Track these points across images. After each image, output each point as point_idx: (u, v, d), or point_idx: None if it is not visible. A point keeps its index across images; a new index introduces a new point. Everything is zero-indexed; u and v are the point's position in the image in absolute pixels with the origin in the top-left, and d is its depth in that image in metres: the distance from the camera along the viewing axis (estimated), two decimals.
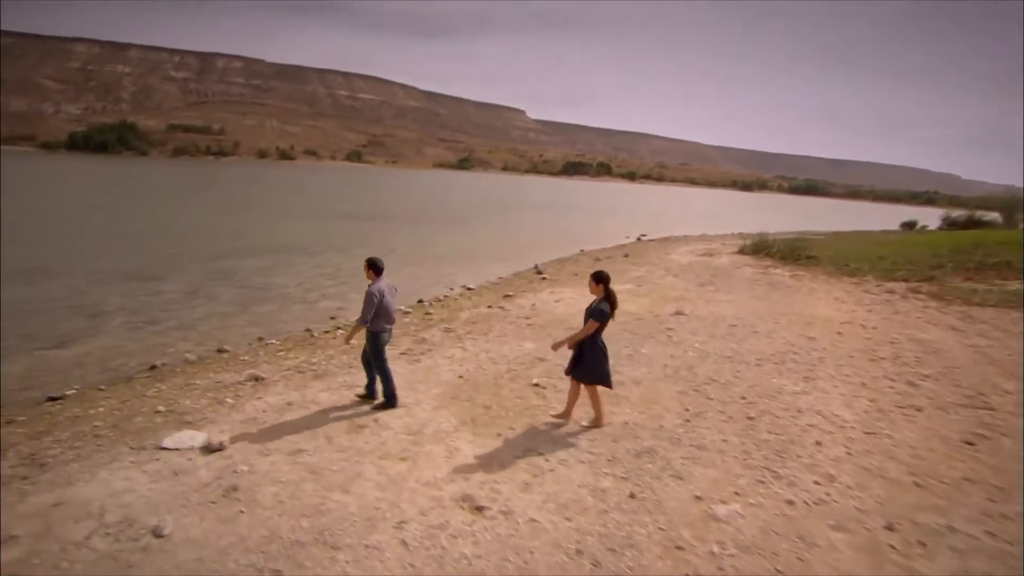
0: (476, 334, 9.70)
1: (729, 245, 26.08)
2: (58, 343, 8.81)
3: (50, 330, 9.41)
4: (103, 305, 11.05)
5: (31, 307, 10.81)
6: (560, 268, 17.75)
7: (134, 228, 22.11)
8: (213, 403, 6.45)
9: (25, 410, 6.37)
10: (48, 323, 9.81)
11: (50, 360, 8.09)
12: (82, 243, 18.20)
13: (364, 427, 5.92)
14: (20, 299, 11.27)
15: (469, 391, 7.03)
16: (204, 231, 22.37)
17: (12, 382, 7.29)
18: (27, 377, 7.50)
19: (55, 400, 6.61)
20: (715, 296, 13.53)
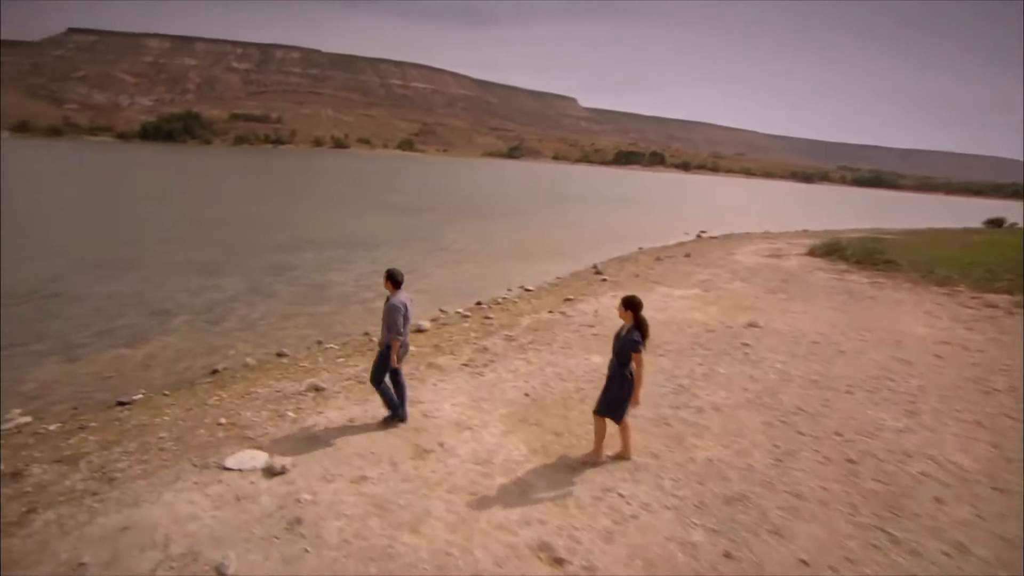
0: (539, 344, 9.28)
1: (796, 245, 24.64)
2: (129, 341, 8.97)
3: (123, 327, 9.62)
4: (169, 302, 11.27)
5: (109, 302, 11.14)
6: (620, 268, 17.10)
7: (199, 216, 22.83)
8: (274, 416, 6.30)
9: (97, 415, 6.41)
10: (121, 320, 10.05)
11: (122, 360, 8.22)
12: (153, 234, 18.87)
13: (430, 452, 5.62)
14: (101, 293, 11.65)
15: (537, 413, 6.62)
16: (263, 221, 22.87)
17: (90, 382, 7.42)
18: (102, 377, 7.63)
19: (124, 405, 6.64)
20: (790, 306, 12.61)
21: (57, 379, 7.43)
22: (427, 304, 12.19)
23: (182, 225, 20.52)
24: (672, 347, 9.35)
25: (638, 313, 5.07)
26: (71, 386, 7.26)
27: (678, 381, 7.81)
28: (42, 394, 6.97)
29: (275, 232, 20.23)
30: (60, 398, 6.90)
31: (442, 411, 6.55)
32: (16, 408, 6.47)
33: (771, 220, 39.21)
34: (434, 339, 9.55)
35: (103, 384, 7.35)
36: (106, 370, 7.80)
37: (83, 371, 7.74)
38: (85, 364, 7.98)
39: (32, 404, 6.67)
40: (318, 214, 26.41)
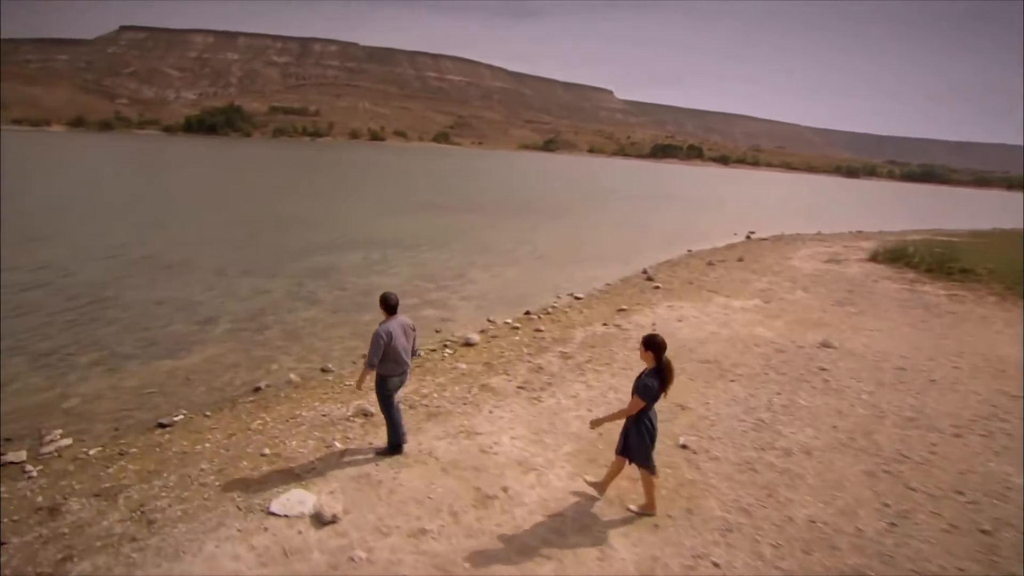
0: (597, 363, 8.63)
1: (853, 248, 23.25)
2: (171, 351, 8.71)
3: (167, 336, 9.39)
4: (212, 307, 11.05)
5: (155, 307, 11.00)
6: (671, 274, 16.24)
7: (243, 215, 22.89)
8: (320, 447, 5.85)
9: (138, 437, 6.09)
10: (165, 327, 9.84)
11: (164, 373, 7.94)
12: (199, 234, 18.91)
13: (493, 499, 5.06)
14: (147, 298, 11.53)
15: (607, 453, 5.97)
16: (304, 219, 22.76)
17: (132, 399, 7.14)
18: (144, 392, 7.34)
19: (165, 427, 6.30)
20: (862, 322, 11.61)
21: (100, 394, 7.17)
22: (474, 313, 11.67)
23: (228, 224, 20.54)
24: (742, 371, 8.57)
25: (661, 355, 4.45)
26: (113, 402, 6.98)
27: (757, 414, 7.06)
28: (85, 411, 6.69)
29: (317, 231, 20.05)
30: (102, 416, 6.61)
31: (502, 446, 5.99)
32: (58, 428, 6.20)
33: (820, 220, 37.37)
34: (484, 355, 9.00)
35: (144, 401, 7.04)
36: (148, 385, 7.51)
37: (126, 384, 7.47)
38: (128, 377, 7.72)
39: (74, 424, 6.39)
40: (358, 212, 26.24)
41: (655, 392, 4.41)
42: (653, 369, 4.46)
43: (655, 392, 4.41)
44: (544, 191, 48.51)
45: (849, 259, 19.97)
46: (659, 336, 4.52)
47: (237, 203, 26.18)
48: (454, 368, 8.32)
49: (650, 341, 4.49)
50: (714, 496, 5.27)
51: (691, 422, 6.81)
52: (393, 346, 5.26)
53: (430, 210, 28.75)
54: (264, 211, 23.96)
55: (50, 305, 10.46)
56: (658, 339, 4.46)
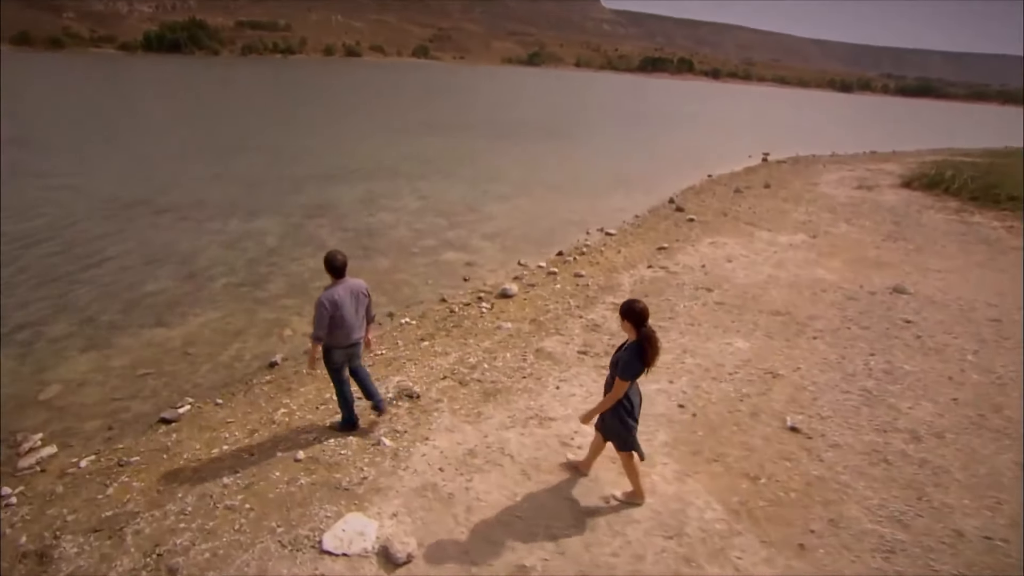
0: (658, 317, 7.55)
1: (876, 172, 22.01)
2: (162, 317, 7.42)
3: (154, 297, 8.06)
4: (203, 258, 9.63)
5: (135, 260, 9.56)
6: (701, 204, 14.95)
7: (224, 145, 20.71)
8: (366, 445, 4.79)
9: (138, 439, 4.97)
10: (150, 285, 8.48)
11: (157, 346, 6.70)
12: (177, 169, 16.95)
13: (596, 515, 4.09)
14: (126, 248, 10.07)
15: (709, 440, 5.03)
16: (290, 148, 20.70)
17: (124, 383, 5.95)
18: (137, 374, 6.14)
19: (168, 423, 5.16)
20: (925, 261, 10.61)
21: (84, 379, 5.95)
22: (500, 255, 10.42)
23: (205, 156, 18.46)
24: (821, 325, 7.58)
25: (642, 326, 3.71)
26: (101, 389, 5.78)
27: (859, 382, 6.12)
28: (68, 405, 5.50)
29: (306, 161, 18.14)
30: (90, 410, 5.44)
31: (585, 436, 4.97)
32: (38, 431, 5.03)
33: (829, 139, 35.74)
34: (527, 309, 7.87)
35: (139, 386, 5.86)
36: (141, 363, 6.30)
37: (114, 364, 6.25)
38: (115, 354, 6.47)
39: (56, 422, 5.23)
40: (346, 137, 24.02)
41: (639, 370, 3.74)
42: (635, 342, 3.73)
43: (639, 370, 3.74)
44: (538, 110, 45.64)
45: (880, 185, 18.77)
46: (639, 303, 3.74)
47: (213, 132, 23.75)
48: (497, 328, 7.20)
49: (628, 310, 3.73)
50: (854, 500, 4.36)
51: (789, 395, 5.85)
52: (340, 315, 4.45)
53: (422, 132, 26.54)
54: (244, 140, 21.71)
55: (9, 261, 8.96)
56: (637, 306, 3.71)
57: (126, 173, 14.96)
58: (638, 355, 3.71)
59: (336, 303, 4.42)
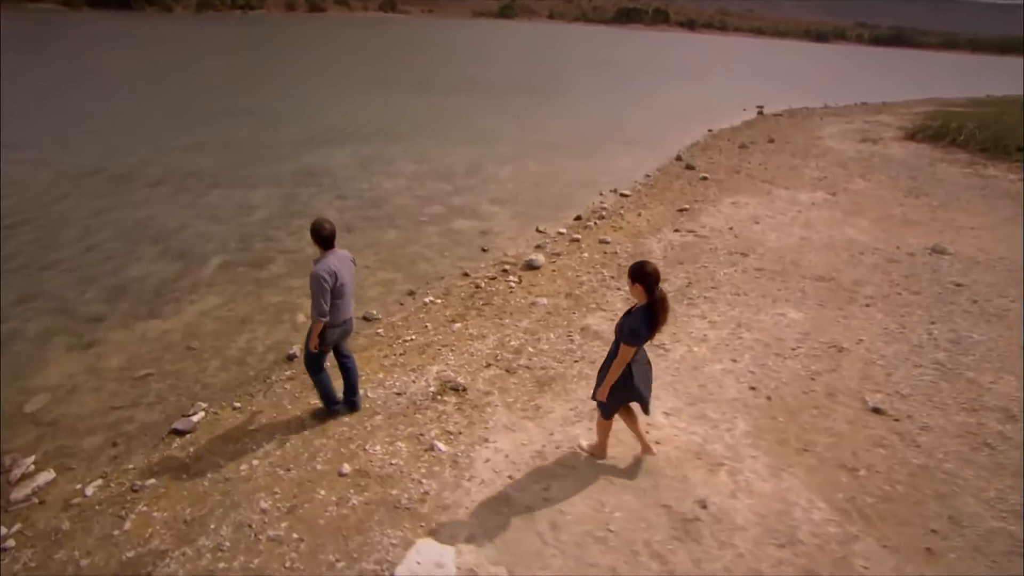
0: (700, 287, 7.05)
1: (875, 124, 21.62)
2: (154, 304, 6.60)
3: (142, 281, 7.18)
4: (192, 234, 8.72)
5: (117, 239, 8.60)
6: (709, 160, 14.33)
7: (198, 109, 19.14)
8: (418, 452, 4.21)
9: (151, 456, 4.28)
10: (137, 267, 7.60)
11: (154, 340, 5.92)
12: (149, 135, 15.55)
13: (695, 522, 3.64)
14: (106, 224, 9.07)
15: (792, 427, 4.59)
16: (269, 110, 19.24)
17: (122, 387, 5.17)
18: (135, 376, 5.38)
19: (182, 435, 4.47)
20: (953, 218, 10.27)
21: (76, 384, 5.18)
22: (515, 221, 9.71)
23: (178, 122, 16.96)
24: (870, 291, 7.16)
25: (654, 288, 3.42)
26: (96, 396, 5.03)
27: (929, 354, 5.72)
28: (61, 418, 4.75)
29: (286, 124, 16.84)
30: (87, 423, 4.71)
31: (660, 429, 4.48)
32: (29, 453, 4.29)
33: (817, 91, 35.15)
34: (559, 281, 7.25)
35: (141, 390, 5.12)
36: (138, 362, 5.54)
37: (107, 365, 5.47)
38: (108, 352, 5.68)
39: (50, 440, 4.49)
40: (325, 97, 22.49)
41: (644, 336, 3.48)
42: (644, 306, 3.47)
43: (644, 336, 3.48)
44: (519, 65, 43.83)
45: (883, 138, 18.34)
46: (650, 264, 3.44)
47: (182, 96, 21.93)
48: (532, 304, 6.59)
49: (640, 272, 3.42)
50: (968, 493, 3.97)
51: (860, 371, 5.42)
52: (339, 287, 4.05)
53: (404, 91, 25.07)
54: (216, 103, 20.10)
55: None
56: (649, 268, 3.42)
57: (91, 143, 13.61)
58: (646, 320, 3.44)
59: (333, 273, 3.98)
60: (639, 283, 3.43)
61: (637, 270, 3.43)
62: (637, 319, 3.46)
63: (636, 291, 3.48)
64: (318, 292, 3.94)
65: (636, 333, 3.45)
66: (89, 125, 15.37)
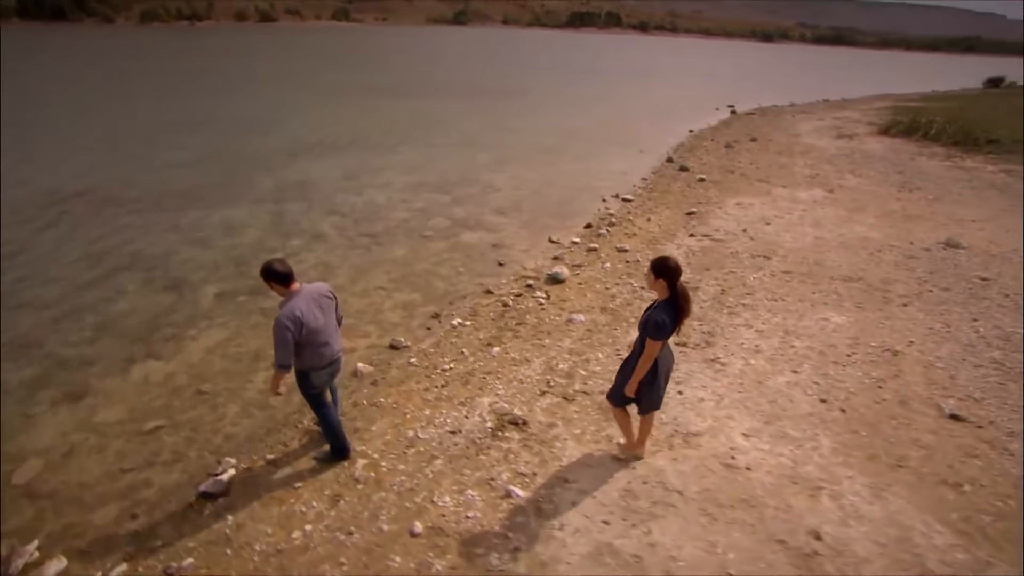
0: (736, 294, 6.79)
1: (845, 120, 22.17)
2: (151, 344, 5.88)
3: (133, 316, 6.49)
4: (178, 260, 8.00)
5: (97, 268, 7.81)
6: (700, 161, 14.26)
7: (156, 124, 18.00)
8: (493, 498, 3.76)
9: (179, 527, 3.67)
10: (124, 300, 6.90)
11: (158, 387, 5.23)
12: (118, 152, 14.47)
13: (815, 557, 3.35)
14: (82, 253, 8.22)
15: (877, 440, 4.36)
16: (240, 121, 18.25)
17: (124, 446, 4.51)
18: (143, 431, 4.73)
19: (213, 498, 3.87)
20: (953, 211, 10.39)
21: (71, 445, 4.47)
22: (524, 232, 9.30)
23: (142, 138, 15.91)
24: (901, 289, 7.06)
25: (676, 282, 3.45)
26: (100, 458, 4.35)
27: (984, 353, 5.60)
28: (59, 487, 4.06)
29: (258, 135, 16.00)
30: (93, 491, 4.04)
31: (744, 452, 4.16)
32: (31, 537, 3.62)
33: (779, 89, 36.10)
34: (589, 295, 6.88)
35: (153, 447, 4.48)
36: (142, 412, 4.88)
37: (105, 419, 4.77)
38: (103, 402, 4.99)
39: (51, 517, 3.81)
40: (293, 107, 21.59)
41: (669, 330, 3.47)
42: (666, 301, 3.48)
43: (669, 330, 3.47)
44: (484, 69, 43.49)
45: (858, 134, 18.75)
46: (671, 259, 3.47)
47: (141, 110, 20.70)
48: (568, 322, 6.20)
49: (664, 267, 3.44)
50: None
51: (923, 375, 5.24)
52: (310, 332, 3.64)
53: (375, 98, 24.35)
54: (179, 117, 19.02)
55: None
56: (671, 262, 3.44)
57: (52, 163, 12.54)
58: (671, 315, 3.45)
59: (298, 320, 3.58)
60: (662, 278, 3.43)
61: (660, 265, 3.43)
62: (663, 313, 3.44)
63: (659, 286, 3.48)
64: (279, 340, 3.54)
65: (662, 327, 3.42)
66: (39, 147, 14.22)
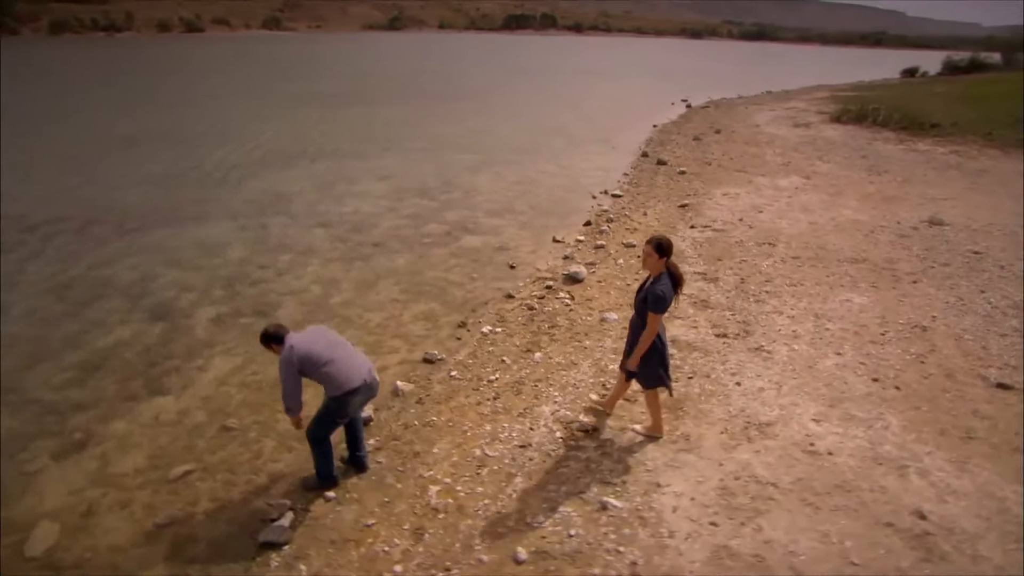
0: (754, 283, 6.84)
1: (795, 110, 23.11)
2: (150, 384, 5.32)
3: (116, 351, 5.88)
4: (157, 284, 7.34)
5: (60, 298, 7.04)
6: (674, 154, 14.44)
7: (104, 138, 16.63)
8: (589, 513, 3.54)
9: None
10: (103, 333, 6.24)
11: (171, 427, 4.71)
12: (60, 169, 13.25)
13: (927, 536, 3.31)
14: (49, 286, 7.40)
15: (940, 415, 4.46)
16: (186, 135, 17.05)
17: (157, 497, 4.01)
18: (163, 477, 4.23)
19: (278, 547, 3.44)
20: (923, 191, 10.94)
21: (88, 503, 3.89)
22: (525, 232, 9.10)
23: (91, 154, 14.67)
24: (906, 267, 7.32)
25: (669, 259, 3.74)
26: (128, 514, 3.79)
27: (1004, 322, 5.90)
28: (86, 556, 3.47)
29: (217, 148, 15.01)
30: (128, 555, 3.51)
31: (825, 439, 4.10)
32: None
33: (723, 83, 37.27)
34: (612, 293, 6.75)
35: (187, 494, 3.97)
36: (164, 457, 4.34)
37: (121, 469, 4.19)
38: (113, 449, 4.39)
39: None
40: (245, 117, 20.52)
41: (668, 302, 3.69)
42: (665, 276, 3.71)
43: (668, 302, 3.69)
44: (431, 73, 42.95)
45: (811, 122, 19.54)
46: (666, 237, 3.76)
47: (81, 124, 19.16)
48: (601, 321, 6.04)
49: (660, 245, 3.69)
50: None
51: (956, 347, 5.41)
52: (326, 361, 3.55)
53: (328, 105, 23.44)
54: (126, 132, 17.67)
55: None
56: (665, 240, 3.71)
57: None
58: (670, 287, 3.67)
59: (306, 356, 3.50)
60: (660, 254, 3.66)
61: (659, 244, 3.66)
62: (662, 286, 3.63)
63: (657, 263, 3.69)
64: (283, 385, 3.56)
65: (663, 299, 3.63)
66: None
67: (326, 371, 3.54)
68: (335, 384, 3.57)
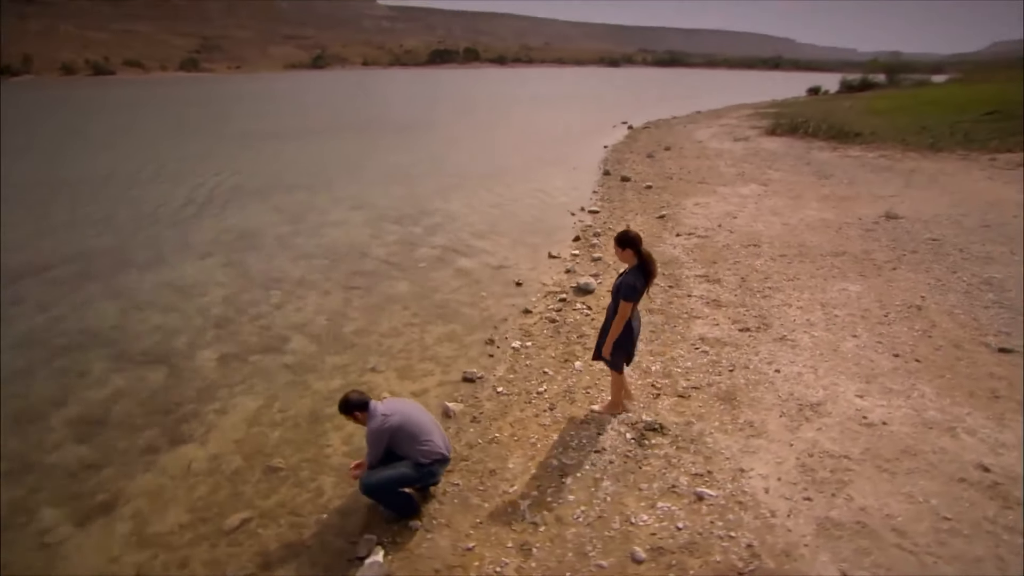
0: (755, 280, 7.19)
1: (729, 127, 24.61)
2: (168, 433, 4.91)
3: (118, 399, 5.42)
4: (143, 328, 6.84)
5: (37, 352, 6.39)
6: (635, 171, 15.02)
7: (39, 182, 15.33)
8: (689, 504, 3.56)
9: None
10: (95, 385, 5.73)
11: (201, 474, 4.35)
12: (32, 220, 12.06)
13: (998, 487, 3.57)
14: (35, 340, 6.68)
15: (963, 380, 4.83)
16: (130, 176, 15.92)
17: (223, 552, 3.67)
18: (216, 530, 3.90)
19: None
20: (869, 190, 11.93)
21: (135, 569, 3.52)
22: (517, 251, 9.16)
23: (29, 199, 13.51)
24: (882, 257, 7.94)
25: (639, 249, 4.00)
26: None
27: (985, 296, 6.45)
28: None
29: (175, 186, 14.25)
30: None
31: (874, 411, 4.35)
32: None
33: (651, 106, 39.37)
34: None
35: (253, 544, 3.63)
36: (211, 508, 3.99)
37: (161, 528, 3.78)
38: (154, 509, 3.99)
39: None
40: (197, 155, 19.57)
41: (640, 292, 3.99)
42: (636, 267, 4.00)
43: (640, 292, 3.99)
44: (371, 108, 42.83)
45: (749, 136, 20.92)
46: (632, 231, 4.04)
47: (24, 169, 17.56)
48: None
49: (627, 239, 3.99)
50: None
51: (952, 320, 5.90)
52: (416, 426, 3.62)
53: (272, 140, 22.75)
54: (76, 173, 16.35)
55: None
56: (631, 234, 3.99)
57: None
58: (640, 278, 3.93)
59: (397, 425, 3.55)
60: (629, 247, 3.94)
61: (626, 238, 3.95)
62: (633, 276, 3.93)
63: (628, 255, 3.97)
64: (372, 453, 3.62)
65: (634, 289, 3.91)
66: None
67: (420, 448, 3.55)
68: (428, 455, 3.58)
